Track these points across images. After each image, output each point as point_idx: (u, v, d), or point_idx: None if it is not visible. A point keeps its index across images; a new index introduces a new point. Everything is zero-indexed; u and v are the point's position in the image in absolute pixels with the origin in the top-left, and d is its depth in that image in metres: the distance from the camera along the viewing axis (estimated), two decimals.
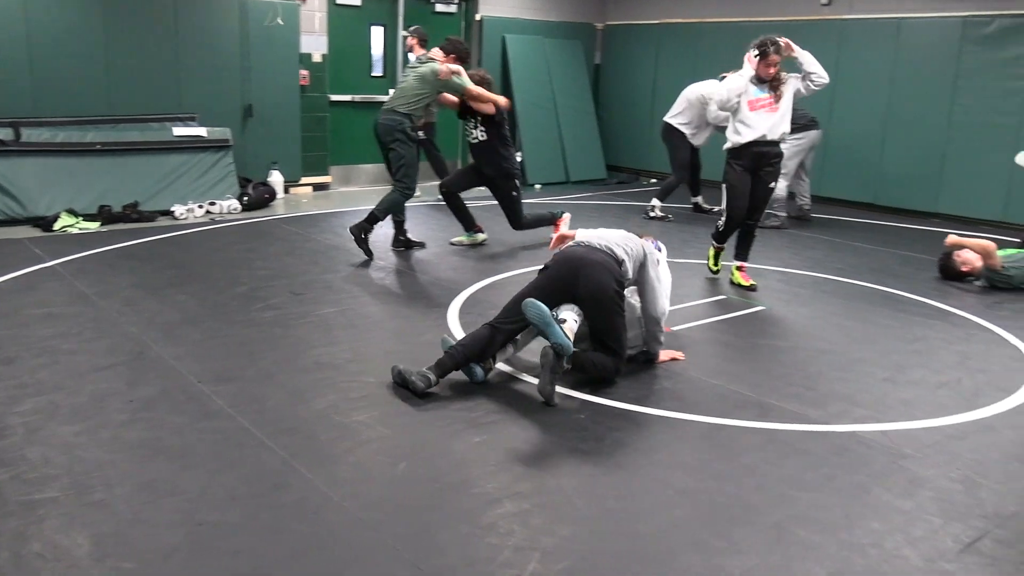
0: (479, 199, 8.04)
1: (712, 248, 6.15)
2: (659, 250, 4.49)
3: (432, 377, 3.83)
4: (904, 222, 8.77)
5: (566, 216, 7.14)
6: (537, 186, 10.54)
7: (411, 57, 8.20)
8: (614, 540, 2.73)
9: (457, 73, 6.40)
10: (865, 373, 4.35)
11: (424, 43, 8.13)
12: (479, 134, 6.73)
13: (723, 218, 5.93)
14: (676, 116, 8.52)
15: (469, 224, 7.08)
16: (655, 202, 8.59)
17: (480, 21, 10.75)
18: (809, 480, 3.17)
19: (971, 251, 6.20)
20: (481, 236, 7.08)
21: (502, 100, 6.67)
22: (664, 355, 4.35)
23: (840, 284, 6.15)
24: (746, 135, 5.67)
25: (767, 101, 5.68)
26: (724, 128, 8.14)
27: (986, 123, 8.49)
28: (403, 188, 6.46)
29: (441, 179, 9.45)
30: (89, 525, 2.70)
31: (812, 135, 8.41)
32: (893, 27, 9.01)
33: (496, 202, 7.06)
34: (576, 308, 4.05)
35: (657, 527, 2.81)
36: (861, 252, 7.21)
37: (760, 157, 5.70)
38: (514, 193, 6.89)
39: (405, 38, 8.59)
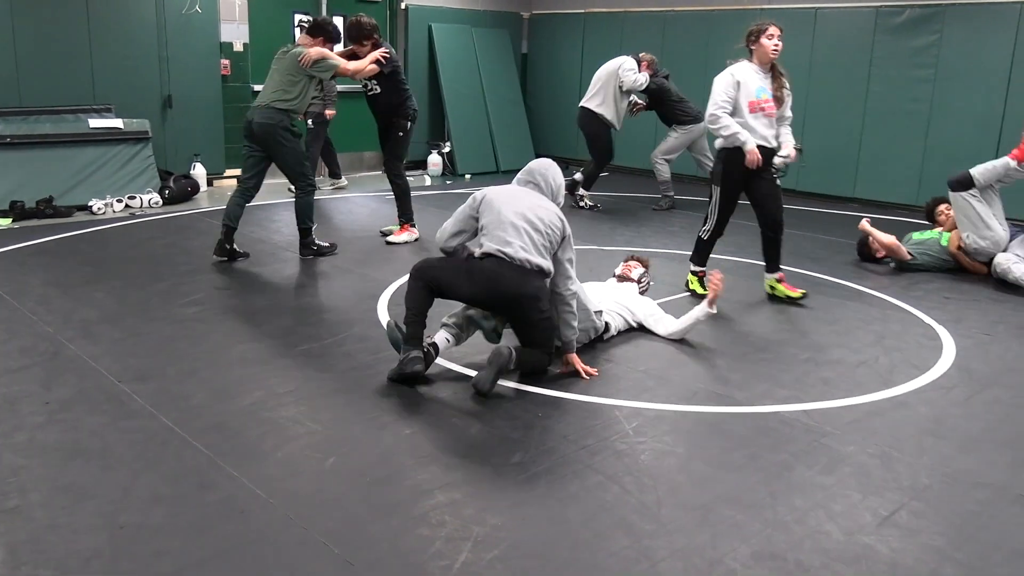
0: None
1: (692, 270, 5.60)
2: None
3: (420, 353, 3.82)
4: (823, 207, 9.01)
5: (414, 233, 6.82)
6: (467, 176, 10.50)
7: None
8: (544, 526, 2.74)
9: (323, 57, 5.93)
10: (786, 354, 4.46)
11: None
12: (373, 85, 6.56)
13: (708, 224, 5.43)
14: (592, 100, 8.39)
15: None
16: (581, 191, 8.60)
17: (406, 10, 10.63)
18: (734, 460, 3.24)
19: (882, 242, 6.42)
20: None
21: (375, 57, 6.26)
22: (576, 360, 4.05)
23: (761, 268, 6.27)
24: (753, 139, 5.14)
25: (768, 105, 5.17)
26: (645, 92, 8.34)
27: (899, 110, 8.78)
28: (306, 186, 6.03)
29: (332, 174, 9.20)
30: (3, 534, 2.60)
31: (699, 128, 8.52)
32: (810, 16, 9.23)
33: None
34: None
35: (586, 512, 2.83)
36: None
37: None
38: (400, 133, 6.68)
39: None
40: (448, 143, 10.74)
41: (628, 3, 10.85)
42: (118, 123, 7.98)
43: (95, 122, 7.90)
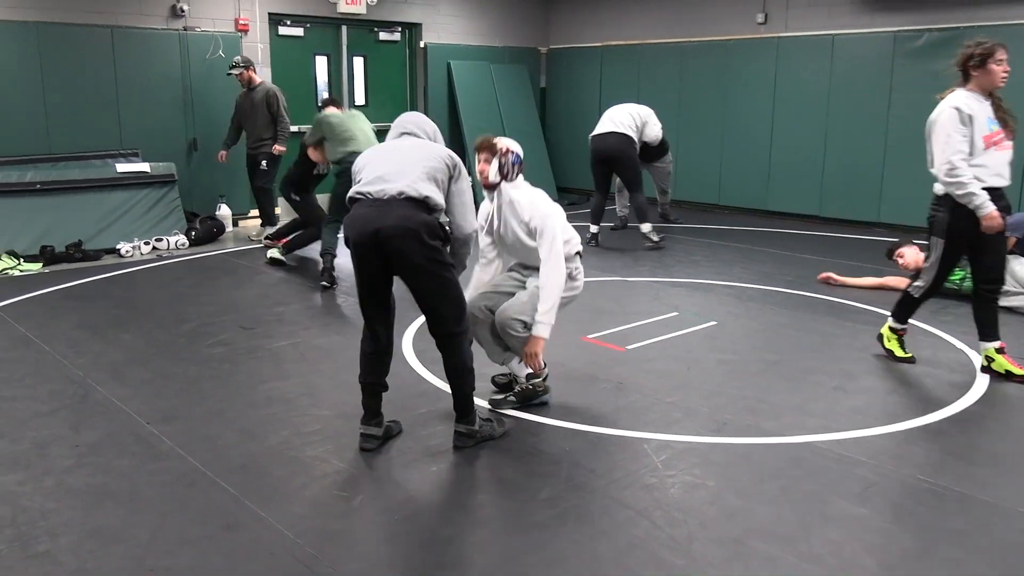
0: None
1: (890, 326, 4.81)
2: (517, 163, 3.92)
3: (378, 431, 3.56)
4: (848, 232, 8.95)
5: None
6: None
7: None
8: (574, 564, 2.71)
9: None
10: (816, 383, 4.41)
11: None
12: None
13: (924, 280, 4.61)
14: (626, 129, 8.07)
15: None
16: (645, 227, 8.09)
17: (424, 48, 10.78)
18: (765, 492, 3.19)
19: (911, 252, 6.31)
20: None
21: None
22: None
23: (788, 296, 6.24)
24: (987, 179, 4.30)
25: (1000, 137, 4.33)
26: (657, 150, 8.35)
27: (920, 133, 8.70)
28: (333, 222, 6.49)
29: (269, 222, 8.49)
30: None
31: (669, 157, 8.84)
32: (827, 43, 9.24)
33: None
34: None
35: (616, 548, 2.80)
36: (808, 263, 7.34)
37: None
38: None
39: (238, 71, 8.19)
40: (469, 178, 10.78)
41: (645, 35, 10.93)
42: (145, 167, 8.12)
43: (122, 166, 8.05)
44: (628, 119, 8.13)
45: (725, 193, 10.37)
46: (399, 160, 3.40)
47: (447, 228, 3.45)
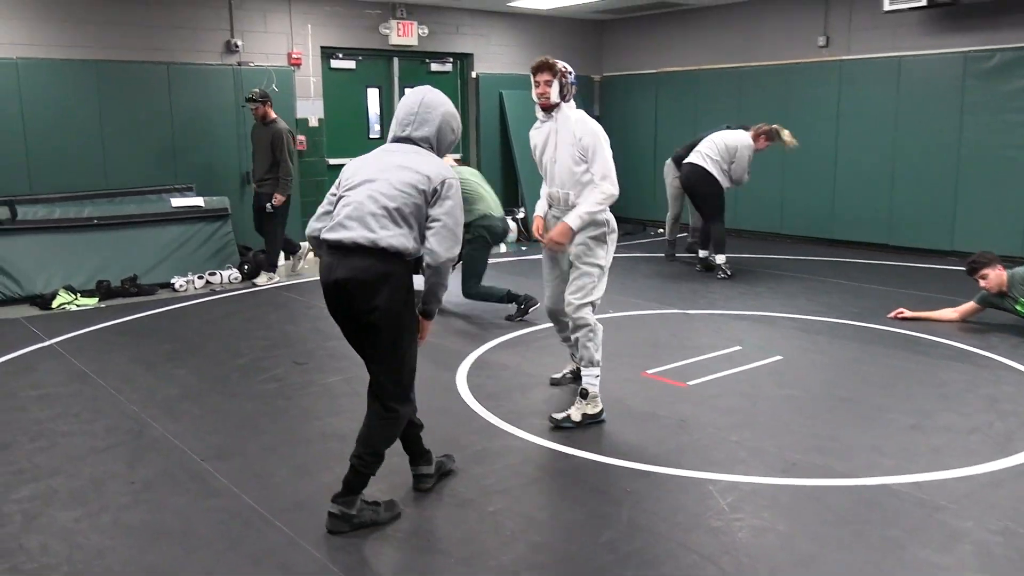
0: None
1: None
2: (576, 84, 4.38)
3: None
4: (920, 262, 8.75)
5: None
6: None
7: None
8: None
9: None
10: (890, 421, 4.29)
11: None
12: None
13: None
14: (708, 160, 7.98)
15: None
16: (719, 259, 8.04)
17: (476, 78, 10.92)
18: (839, 538, 3.10)
19: (995, 274, 6.06)
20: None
21: None
22: (427, 328, 3.33)
23: (857, 328, 6.10)
24: None
25: None
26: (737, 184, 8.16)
27: (997, 157, 8.53)
28: None
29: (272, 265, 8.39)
30: None
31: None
32: (893, 65, 9.12)
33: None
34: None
35: None
36: (877, 294, 7.19)
37: None
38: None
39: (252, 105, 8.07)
40: (522, 209, 10.87)
41: (702, 61, 10.92)
42: (199, 201, 8.33)
43: (177, 201, 8.27)
44: (716, 152, 7.98)
45: (788, 221, 10.24)
46: (367, 192, 3.11)
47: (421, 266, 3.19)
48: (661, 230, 11.14)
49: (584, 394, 4.25)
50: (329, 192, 3.30)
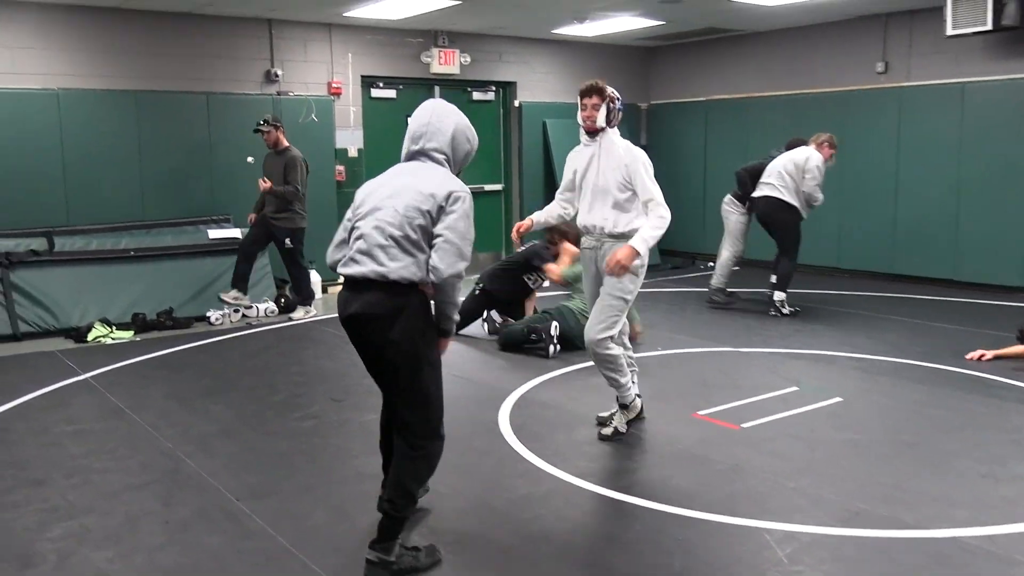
0: None
1: None
2: (622, 110, 4.53)
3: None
4: (989, 298, 8.57)
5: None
6: None
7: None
8: None
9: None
10: (960, 469, 4.18)
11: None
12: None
13: None
14: (778, 190, 7.84)
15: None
16: (779, 296, 7.91)
17: (519, 107, 11.02)
18: None
19: None
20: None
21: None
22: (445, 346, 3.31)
23: (923, 369, 5.98)
24: None
25: None
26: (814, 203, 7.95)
27: None
28: None
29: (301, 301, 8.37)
30: None
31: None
32: (957, 91, 9.02)
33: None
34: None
35: None
36: (943, 333, 7.05)
37: None
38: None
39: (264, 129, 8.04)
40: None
41: (753, 88, 10.91)
42: (236, 233, 8.48)
43: (214, 232, 8.43)
44: (787, 176, 7.82)
45: (845, 255, 10.12)
46: (374, 223, 3.13)
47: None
48: (711, 263, 11.10)
49: (624, 406, 4.69)
50: (345, 217, 3.34)
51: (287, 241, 7.98)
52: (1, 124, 7.74)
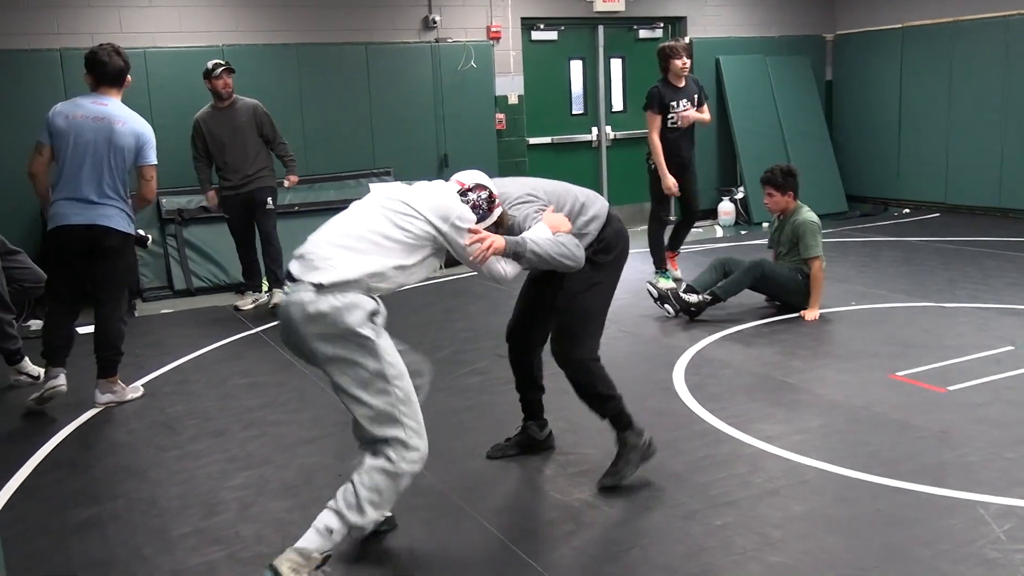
0: None
1: None
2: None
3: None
4: None
5: None
6: (764, 225, 10.24)
7: None
8: None
9: None
10: None
11: None
12: None
13: None
14: None
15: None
16: None
17: (690, 44, 10.72)
18: None
19: None
20: None
21: None
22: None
23: None
24: None
25: None
26: None
27: None
28: None
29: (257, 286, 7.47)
30: None
31: None
32: None
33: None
34: None
35: None
36: None
37: None
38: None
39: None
40: (741, 188, 10.58)
41: (958, 10, 10.13)
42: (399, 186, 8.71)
43: (375, 187, 8.67)
44: None
45: None
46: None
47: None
48: (907, 210, 10.52)
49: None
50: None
51: (269, 201, 7.09)
52: (172, 81, 8.22)
